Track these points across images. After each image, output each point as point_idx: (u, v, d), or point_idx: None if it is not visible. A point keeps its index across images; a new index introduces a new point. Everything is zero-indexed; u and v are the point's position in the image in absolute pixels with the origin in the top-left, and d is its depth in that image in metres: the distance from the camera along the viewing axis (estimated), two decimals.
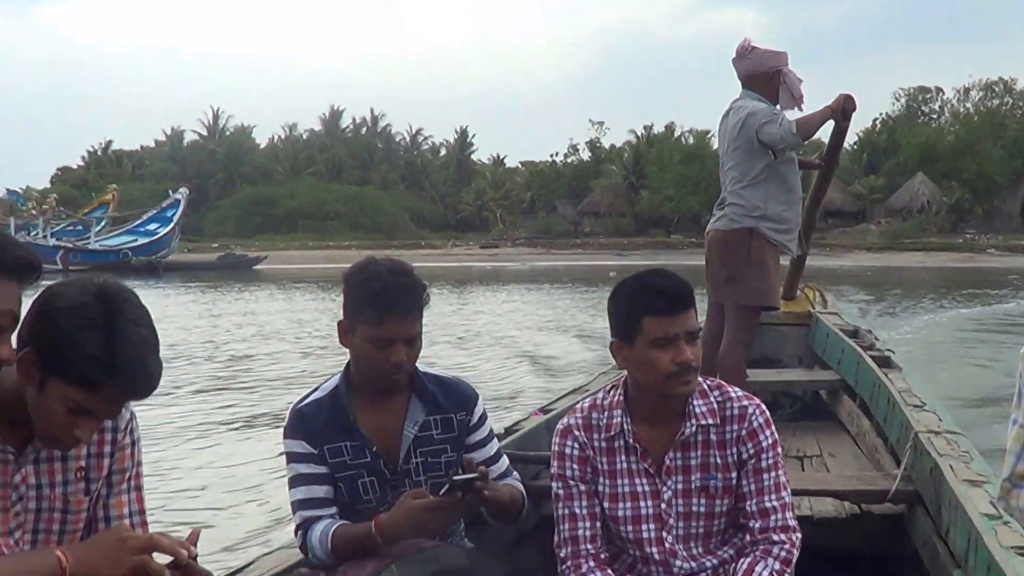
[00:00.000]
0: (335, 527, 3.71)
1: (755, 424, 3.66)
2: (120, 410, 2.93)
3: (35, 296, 2.83)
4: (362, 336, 3.71)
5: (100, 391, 2.74)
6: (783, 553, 3.58)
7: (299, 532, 3.78)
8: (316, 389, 3.89)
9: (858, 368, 8.07)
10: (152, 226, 62.28)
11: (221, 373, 18.74)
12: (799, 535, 3.64)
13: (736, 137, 7.66)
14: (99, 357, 2.71)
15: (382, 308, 3.65)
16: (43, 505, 2.95)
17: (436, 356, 19.48)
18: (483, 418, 3.95)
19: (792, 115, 7.61)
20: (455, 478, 3.52)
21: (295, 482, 3.79)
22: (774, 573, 3.54)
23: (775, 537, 3.60)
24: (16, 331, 2.74)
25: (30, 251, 2.74)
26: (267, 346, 22.97)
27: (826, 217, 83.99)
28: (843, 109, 7.62)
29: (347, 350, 3.81)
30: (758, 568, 3.54)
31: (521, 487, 3.97)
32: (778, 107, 7.61)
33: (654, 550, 3.66)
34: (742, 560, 3.60)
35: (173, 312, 31.94)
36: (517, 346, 22.45)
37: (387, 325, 3.66)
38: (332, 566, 3.68)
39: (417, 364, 3.83)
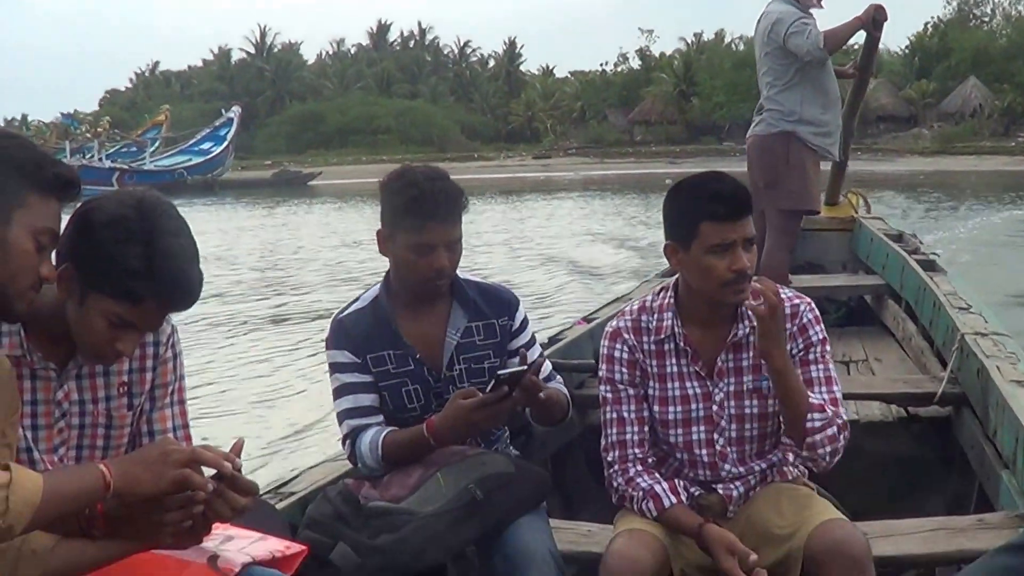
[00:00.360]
0: (385, 433, 3.74)
1: (805, 320, 3.64)
2: (162, 322, 2.94)
3: (72, 212, 2.84)
4: (403, 243, 3.71)
5: (141, 303, 2.76)
6: (834, 429, 3.53)
7: (347, 442, 3.81)
8: (356, 300, 3.90)
9: (903, 272, 8.02)
10: (206, 145, 62.19)
11: (324, 279, 19.20)
12: (848, 432, 3.61)
13: (766, 42, 7.64)
14: (139, 269, 2.72)
15: (422, 214, 3.65)
16: (86, 421, 2.98)
17: (483, 265, 19.56)
18: (525, 323, 3.96)
19: (817, 14, 7.57)
20: (501, 372, 3.53)
21: (341, 392, 3.81)
22: (831, 428, 3.52)
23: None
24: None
25: (69, 168, 2.74)
26: (356, 253, 23.37)
27: (878, 122, 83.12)
28: (873, 20, 7.56)
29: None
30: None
31: (566, 391, 3.98)
32: (810, 10, 7.57)
33: (703, 452, 3.66)
34: None
35: (252, 224, 32.25)
36: (564, 255, 22.45)
37: (428, 231, 3.66)
38: (381, 474, 3.72)
39: (457, 271, 3.84)
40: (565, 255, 22.60)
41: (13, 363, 2.77)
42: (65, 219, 2.78)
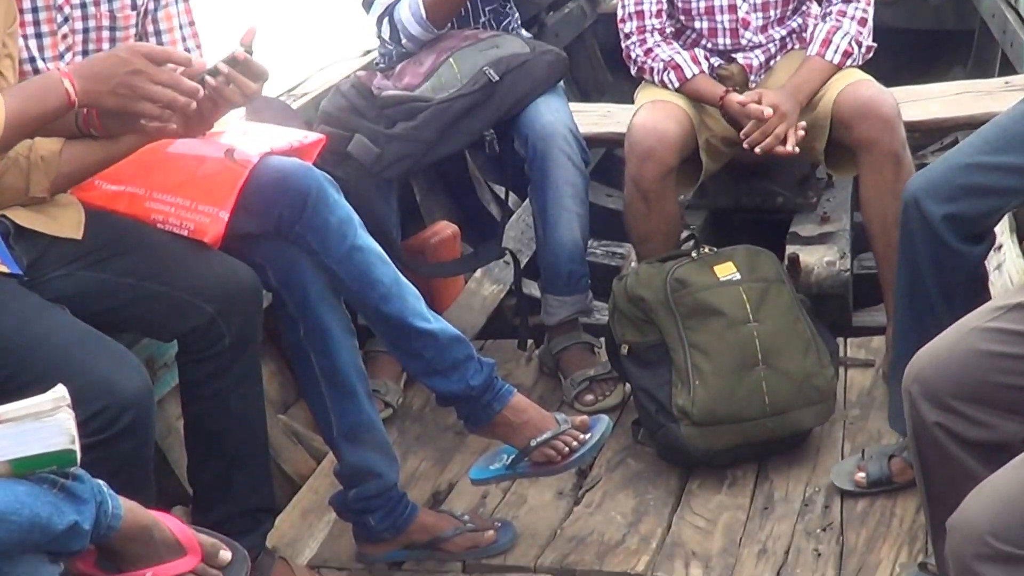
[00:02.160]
0: None
1: None
2: None
3: None
4: None
5: None
6: (859, 14, 3.48)
7: (383, 22, 3.65)
8: None
9: None
10: None
11: None
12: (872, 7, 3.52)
13: None
14: None
15: None
16: (90, 25, 2.84)
17: None
18: None
19: None
20: None
21: None
22: (851, 41, 3.44)
23: None
24: None
25: None
26: None
27: None
28: None
29: None
30: (835, 37, 3.44)
31: None
32: None
33: (725, 18, 3.54)
34: (819, 26, 3.50)
35: None
36: None
37: None
38: (425, 40, 3.60)
39: None
40: None
41: None
42: None
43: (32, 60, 2.75)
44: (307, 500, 3.15)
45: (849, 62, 3.46)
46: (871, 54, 3.56)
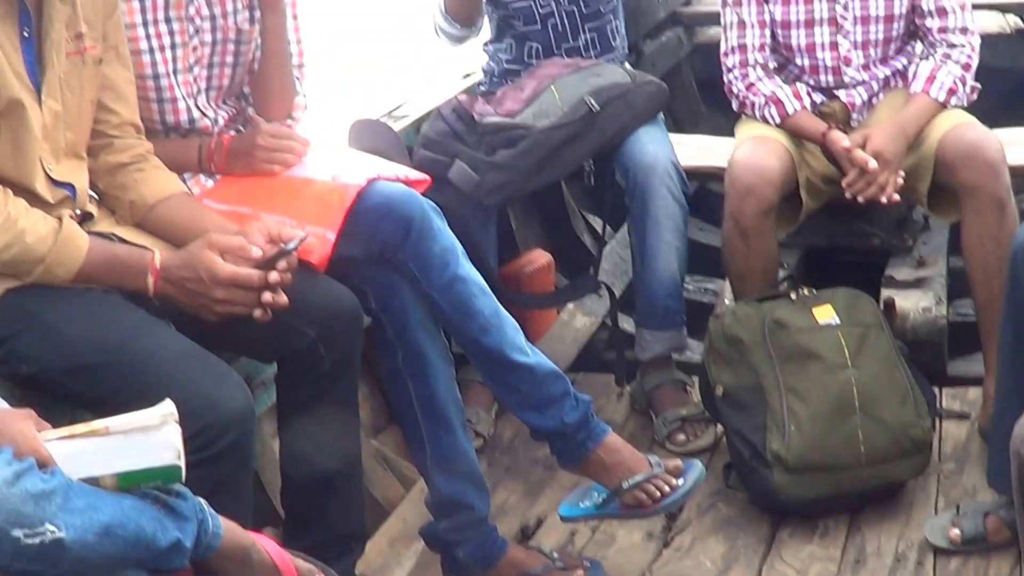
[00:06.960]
0: None
1: None
2: None
3: None
4: None
5: None
6: (963, 58, 3.45)
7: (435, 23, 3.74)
8: None
9: None
10: None
11: None
12: (978, 39, 3.50)
13: None
14: None
15: None
16: (217, 37, 2.85)
17: None
18: None
19: None
20: None
21: None
22: (956, 79, 3.41)
23: (954, 39, 3.46)
24: None
25: None
26: None
27: None
28: None
29: None
30: (939, 74, 3.41)
31: None
32: None
33: (827, 55, 3.52)
34: (923, 63, 3.48)
35: None
36: None
37: None
38: (456, 35, 3.73)
39: None
40: None
41: None
42: None
43: (157, 77, 2.76)
44: (396, 528, 3.13)
45: (954, 101, 3.42)
46: (975, 95, 3.52)
